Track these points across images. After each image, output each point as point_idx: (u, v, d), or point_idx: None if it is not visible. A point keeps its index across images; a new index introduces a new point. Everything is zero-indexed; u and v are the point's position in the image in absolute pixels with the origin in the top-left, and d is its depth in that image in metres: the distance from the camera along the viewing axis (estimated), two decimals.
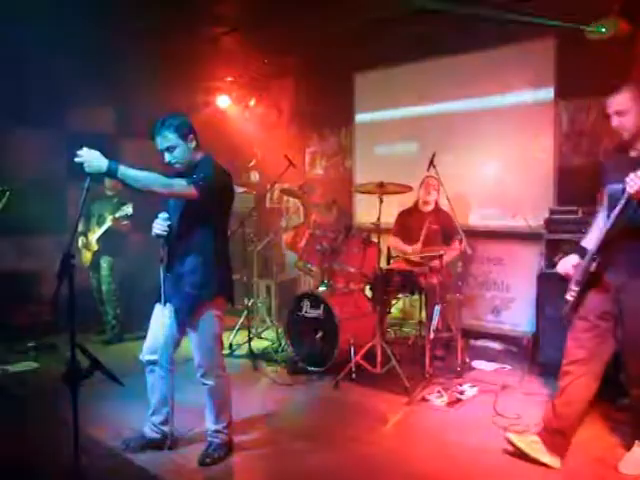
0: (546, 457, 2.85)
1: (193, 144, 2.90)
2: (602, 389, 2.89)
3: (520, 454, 2.90)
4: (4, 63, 4.90)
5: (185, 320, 2.92)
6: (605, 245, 2.67)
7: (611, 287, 2.72)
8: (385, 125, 6.12)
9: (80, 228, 5.37)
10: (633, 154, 2.69)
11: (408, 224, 4.94)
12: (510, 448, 2.95)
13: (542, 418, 2.96)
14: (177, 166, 2.89)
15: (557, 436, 2.86)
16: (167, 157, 2.88)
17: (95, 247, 5.41)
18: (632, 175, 2.45)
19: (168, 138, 2.83)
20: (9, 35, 4.35)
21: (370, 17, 5.03)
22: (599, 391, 2.88)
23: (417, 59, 5.67)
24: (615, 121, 2.67)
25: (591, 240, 2.83)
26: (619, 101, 2.65)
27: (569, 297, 2.83)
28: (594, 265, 2.71)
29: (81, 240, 5.46)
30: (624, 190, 2.50)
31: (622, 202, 2.54)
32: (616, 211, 2.58)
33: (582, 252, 2.84)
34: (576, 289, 2.80)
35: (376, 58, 5.96)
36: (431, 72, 5.62)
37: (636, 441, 2.82)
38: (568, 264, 2.89)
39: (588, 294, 2.78)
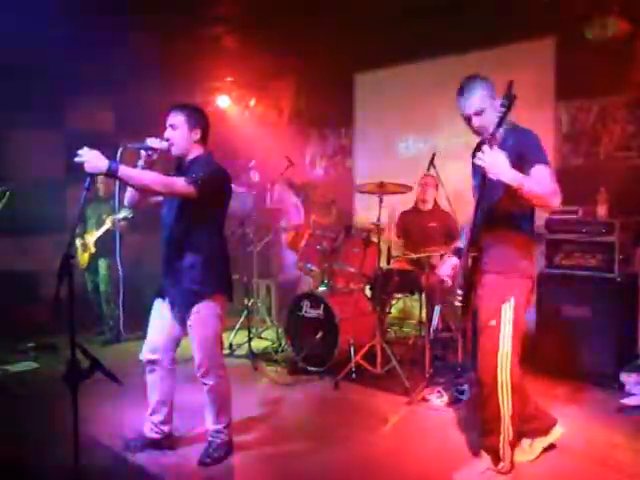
0: (546, 442, 2.88)
1: (196, 137, 2.92)
2: (602, 389, 2.88)
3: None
4: (4, 63, 4.90)
5: (184, 317, 2.91)
6: (476, 239, 2.67)
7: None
8: (385, 125, 6.12)
9: (77, 230, 5.36)
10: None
11: (409, 224, 4.96)
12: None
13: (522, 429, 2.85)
14: (171, 148, 2.89)
15: (534, 422, 2.84)
16: (166, 133, 2.90)
17: (93, 249, 5.40)
18: (479, 154, 2.49)
19: (176, 117, 2.89)
20: (9, 35, 4.35)
21: (370, 17, 5.03)
22: (599, 391, 2.87)
23: (417, 59, 5.67)
24: (476, 122, 2.66)
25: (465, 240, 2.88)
26: (474, 102, 2.63)
27: (457, 303, 2.72)
28: (470, 261, 2.67)
29: (79, 241, 5.45)
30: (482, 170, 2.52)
31: (481, 181, 2.58)
32: (477, 193, 2.63)
33: (460, 253, 2.84)
34: (461, 292, 2.70)
35: (376, 58, 5.96)
36: (431, 72, 5.62)
37: (482, 451, 2.74)
38: (449, 267, 2.84)
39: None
